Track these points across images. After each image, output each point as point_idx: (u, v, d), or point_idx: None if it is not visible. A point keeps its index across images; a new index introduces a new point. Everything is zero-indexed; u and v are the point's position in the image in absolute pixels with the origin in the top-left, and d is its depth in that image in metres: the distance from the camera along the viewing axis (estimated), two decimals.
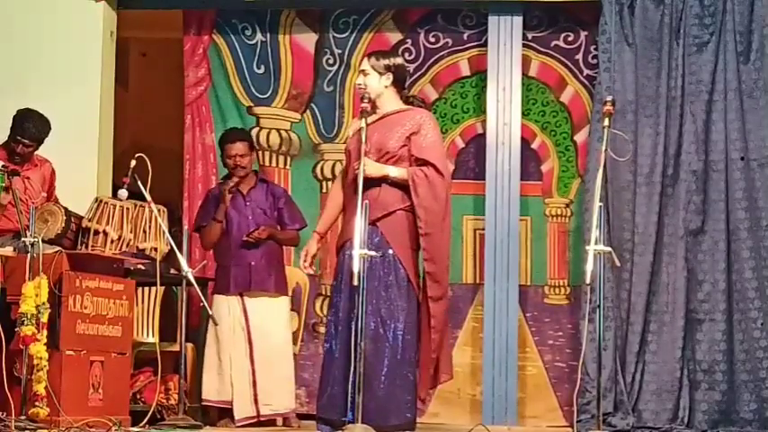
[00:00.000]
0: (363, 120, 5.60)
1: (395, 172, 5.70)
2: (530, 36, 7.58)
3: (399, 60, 5.93)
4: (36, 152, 6.58)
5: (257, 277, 6.80)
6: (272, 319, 6.83)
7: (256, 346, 6.75)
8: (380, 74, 5.78)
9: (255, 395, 6.71)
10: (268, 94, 7.81)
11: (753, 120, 7.13)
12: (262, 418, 6.71)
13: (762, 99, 7.13)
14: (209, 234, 6.92)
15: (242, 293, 6.79)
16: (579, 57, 7.59)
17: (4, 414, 5.44)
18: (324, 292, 7.49)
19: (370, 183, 5.66)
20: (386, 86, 5.80)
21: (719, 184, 7.11)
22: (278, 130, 7.75)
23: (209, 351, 6.82)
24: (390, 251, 5.67)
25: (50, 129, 6.51)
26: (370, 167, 5.64)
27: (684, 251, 7.10)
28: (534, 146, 7.61)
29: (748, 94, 7.14)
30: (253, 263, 6.80)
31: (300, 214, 7.03)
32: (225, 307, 6.79)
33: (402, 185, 5.70)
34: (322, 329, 7.27)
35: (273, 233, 6.85)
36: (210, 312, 6.20)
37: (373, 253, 5.43)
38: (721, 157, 7.12)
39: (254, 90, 7.80)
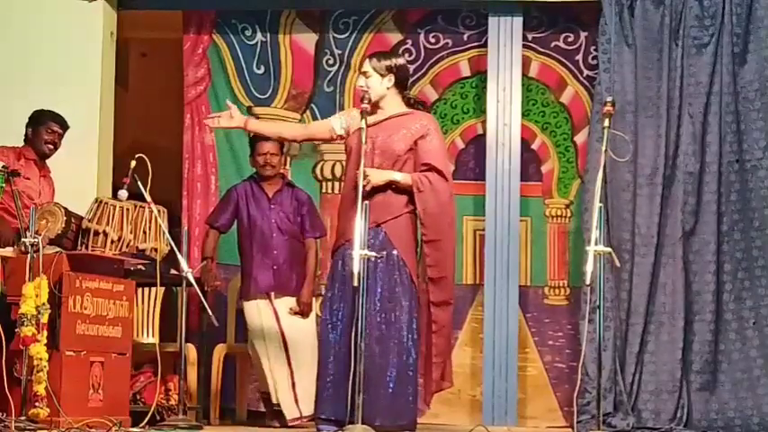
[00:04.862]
0: (363, 120, 5.58)
1: (400, 177, 5.69)
2: (530, 37, 7.58)
3: (401, 61, 5.89)
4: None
5: (279, 281, 6.80)
6: (300, 317, 6.83)
7: (291, 346, 6.75)
8: (382, 75, 5.75)
9: (296, 396, 6.69)
10: (268, 95, 7.81)
11: (747, 122, 7.14)
12: (304, 419, 6.69)
13: (757, 101, 7.14)
14: (205, 242, 7.00)
15: (269, 295, 6.79)
16: (579, 57, 7.60)
17: (4, 414, 5.43)
18: (322, 292, 7.48)
19: (376, 188, 5.66)
20: (388, 88, 5.77)
21: (712, 186, 7.12)
22: None
23: (252, 357, 6.86)
24: (395, 252, 5.67)
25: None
26: (376, 177, 5.62)
27: (683, 252, 7.11)
28: (534, 146, 7.61)
29: (744, 95, 7.15)
30: (275, 267, 6.81)
31: (322, 223, 7.05)
32: (255, 311, 6.79)
33: (407, 190, 5.70)
34: None
35: None
36: (210, 313, 6.20)
37: (373, 254, 5.42)
38: (714, 159, 7.13)
39: (253, 90, 7.80)
